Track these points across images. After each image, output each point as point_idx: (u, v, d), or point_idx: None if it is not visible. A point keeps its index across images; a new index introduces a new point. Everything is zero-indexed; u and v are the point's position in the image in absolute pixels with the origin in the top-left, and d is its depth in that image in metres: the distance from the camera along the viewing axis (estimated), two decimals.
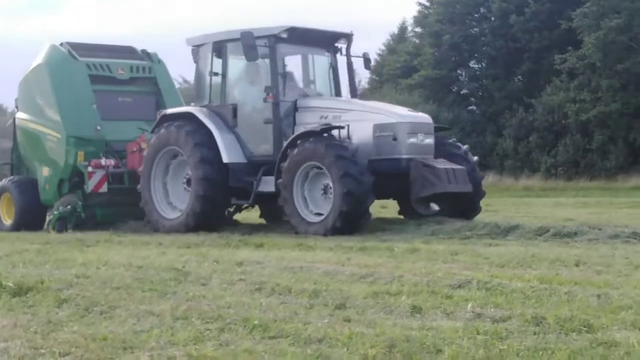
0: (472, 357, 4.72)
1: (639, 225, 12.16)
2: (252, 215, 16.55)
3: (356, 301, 6.52)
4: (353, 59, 15.09)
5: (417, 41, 50.08)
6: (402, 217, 14.27)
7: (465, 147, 14.36)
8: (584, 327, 5.34)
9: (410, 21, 52.70)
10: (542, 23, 41.85)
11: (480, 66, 46.66)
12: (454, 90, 46.03)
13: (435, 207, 14.03)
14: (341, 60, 15.10)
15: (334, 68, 15.13)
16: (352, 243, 10.99)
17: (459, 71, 46.78)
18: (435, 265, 8.57)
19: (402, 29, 55.12)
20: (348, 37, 15.00)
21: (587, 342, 4.88)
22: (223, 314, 6.01)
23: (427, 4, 48.91)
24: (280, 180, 13.31)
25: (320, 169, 13.04)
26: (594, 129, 38.17)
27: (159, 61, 17.11)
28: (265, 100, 13.90)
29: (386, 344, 5.04)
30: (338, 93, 15.07)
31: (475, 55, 46.05)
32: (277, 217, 14.18)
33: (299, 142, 13.28)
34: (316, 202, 13.24)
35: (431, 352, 4.90)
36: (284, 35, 14.06)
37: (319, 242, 11.43)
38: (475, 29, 45.82)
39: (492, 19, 45.06)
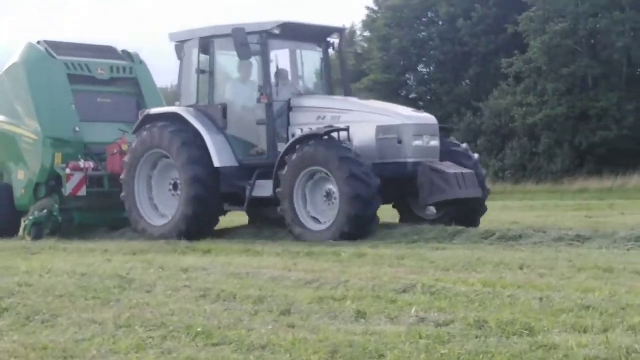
0: None
1: (583, 228, 12.30)
2: (237, 219, 15.67)
3: (301, 307, 6.51)
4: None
5: (365, 45, 50.33)
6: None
7: (464, 145, 13.83)
8: (525, 330, 5.38)
9: (359, 25, 52.98)
10: (489, 27, 42.31)
11: (428, 70, 47.06)
12: (402, 94, 46.30)
13: (433, 210, 13.54)
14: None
15: (326, 65, 14.53)
16: (300, 248, 10.98)
17: (407, 75, 47.11)
18: (381, 270, 8.59)
19: (351, 33, 55.30)
20: (341, 32, 14.50)
21: (528, 345, 4.93)
22: (166, 322, 5.97)
23: (376, 8, 49.19)
24: (279, 190, 12.70)
25: (322, 174, 12.50)
26: (541, 133, 38.64)
27: (141, 62, 16.55)
28: (259, 101, 13.26)
29: (329, 350, 5.05)
30: (331, 91, 14.50)
31: (424, 59, 46.42)
32: (268, 220, 13.76)
33: (297, 146, 12.66)
34: (319, 209, 12.65)
35: (374, 358, 4.92)
36: (277, 32, 13.36)
37: (267, 247, 11.41)
38: (423, 34, 46.19)
39: (440, 23, 45.45)
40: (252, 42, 12.97)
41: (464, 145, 13.76)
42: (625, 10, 36.93)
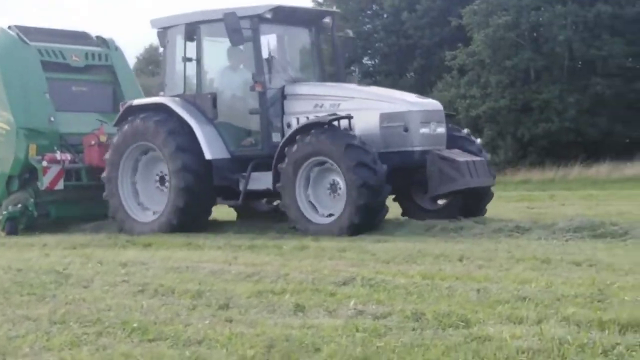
0: (349, 355, 4.73)
1: (523, 219, 12.40)
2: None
3: (240, 301, 6.49)
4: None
5: None
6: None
7: (465, 130, 13.30)
8: (461, 322, 5.41)
9: None
10: (433, 20, 42.51)
11: (373, 62, 47.14)
12: None
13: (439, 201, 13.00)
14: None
15: (319, 50, 13.96)
16: (241, 241, 10.94)
17: (352, 67, 47.10)
18: (321, 263, 8.60)
19: None
20: (333, 16, 13.92)
21: (462, 337, 4.95)
22: (102, 317, 5.90)
23: (321, 0, 49.15)
24: (279, 184, 12.15)
25: (326, 164, 11.93)
26: (484, 125, 38.94)
27: (116, 48, 15.82)
28: (252, 89, 12.59)
29: (265, 344, 5.03)
30: (325, 78, 13.92)
31: (369, 51, 46.48)
32: (257, 214, 13.41)
33: (298, 137, 12.05)
34: (323, 202, 12.11)
35: (310, 351, 4.90)
36: (269, 16, 12.76)
37: (209, 240, 11.33)
38: (368, 26, 46.24)
39: (385, 15, 45.55)
40: (243, 27, 12.42)
41: (465, 131, 13.27)
42: (566, 3, 37.31)
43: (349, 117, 12.13)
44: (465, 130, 13.26)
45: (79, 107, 15.08)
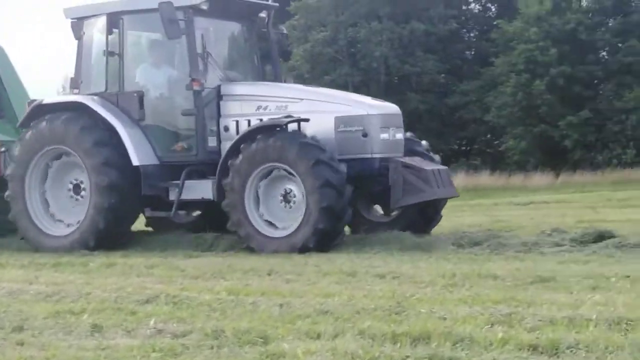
0: None
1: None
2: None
3: (35, 322, 6.23)
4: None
5: None
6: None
7: (409, 133, 12.12)
8: (260, 338, 5.38)
9: None
10: None
11: None
12: None
13: (380, 211, 12.20)
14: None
15: (256, 47, 12.91)
16: (46, 259, 10.56)
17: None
18: (127, 280, 8.41)
19: None
20: (270, 9, 12.83)
21: (258, 354, 4.93)
22: None
23: None
24: (226, 179, 11.05)
25: (278, 171, 10.95)
26: None
27: None
28: (189, 88, 11.44)
29: None
30: (262, 77, 12.87)
31: None
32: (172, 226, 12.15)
33: (259, 136, 10.98)
34: (272, 210, 11.09)
35: None
36: (205, 7, 11.58)
37: (12, 259, 10.89)
38: None
39: None
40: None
41: (409, 134, 12.16)
42: (382, 20, 38.37)
43: (306, 120, 11.16)
44: (409, 134, 12.15)
45: None
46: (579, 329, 5.31)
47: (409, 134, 12.04)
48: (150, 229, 13.07)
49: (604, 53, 37.63)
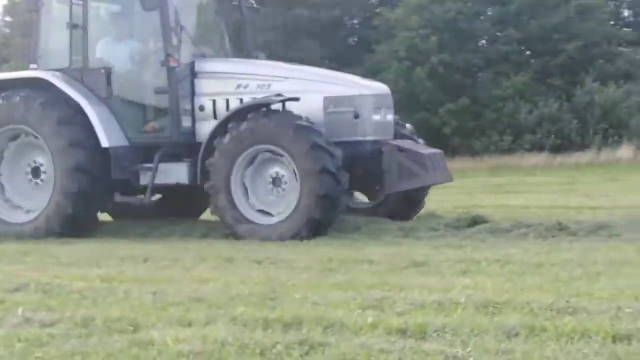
0: None
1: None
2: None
3: None
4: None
5: (8, 31, 48.06)
6: None
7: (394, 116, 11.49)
8: (131, 327, 5.30)
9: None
10: None
11: None
12: None
13: (362, 198, 11.71)
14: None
15: (228, 22, 12.36)
16: None
17: None
18: None
19: None
20: None
21: (127, 343, 4.85)
22: None
23: None
24: (211, 160, 10.39)
25: (267, 155, 10.35)
26: None
27: None
28: (165, 64, 10.75)
29: None
30: (236, 54, 12.13)
31: None
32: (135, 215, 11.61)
33: (250, 115, 10.31)
34: (260, 195, 10.48)
35: None
36: None
37: None
38: None
39: None
40: None
41: (394, 116, 11.52)
42: (267, 5, 38.29)
43: (296, 99, 10.42)
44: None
45: None
46: (448, 312, 5.41)
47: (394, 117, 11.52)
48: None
49: (484, 42, 38.42)
